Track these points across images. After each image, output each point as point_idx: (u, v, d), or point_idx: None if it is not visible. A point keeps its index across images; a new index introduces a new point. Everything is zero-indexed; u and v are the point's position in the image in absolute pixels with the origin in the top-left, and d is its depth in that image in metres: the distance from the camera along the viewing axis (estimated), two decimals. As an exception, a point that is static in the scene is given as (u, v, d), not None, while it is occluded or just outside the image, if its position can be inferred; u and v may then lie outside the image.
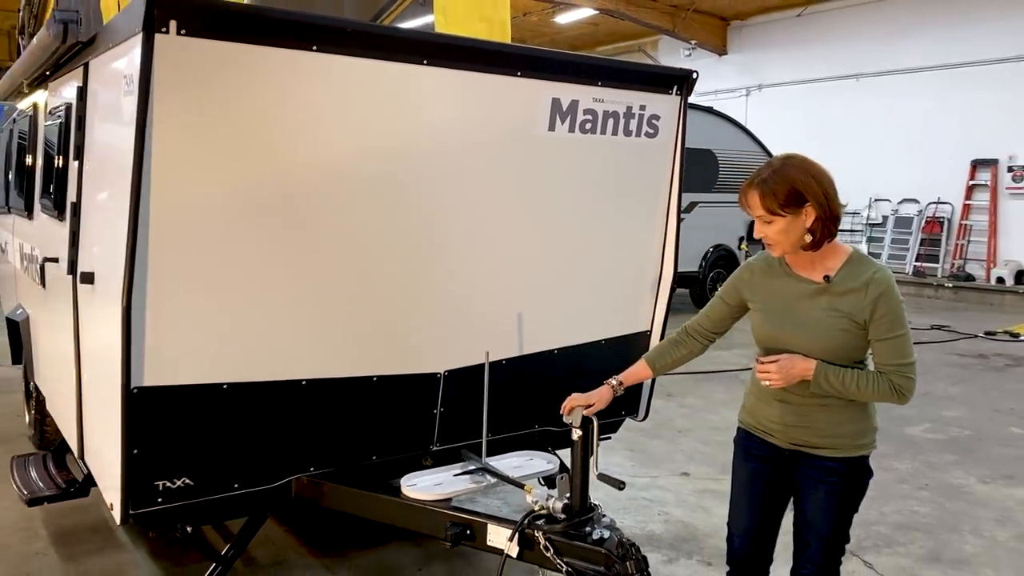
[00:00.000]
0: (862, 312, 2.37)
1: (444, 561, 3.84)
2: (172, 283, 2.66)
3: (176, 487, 2.88)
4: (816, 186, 2.35)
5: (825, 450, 2.50)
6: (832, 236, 2.42)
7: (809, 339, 2.43)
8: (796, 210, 2.36)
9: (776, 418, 2.56)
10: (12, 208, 5.28)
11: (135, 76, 2.49)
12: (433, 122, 3.09)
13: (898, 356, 2.38)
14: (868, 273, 2.40)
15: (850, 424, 2.49)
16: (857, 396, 2.42)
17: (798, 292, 2.47)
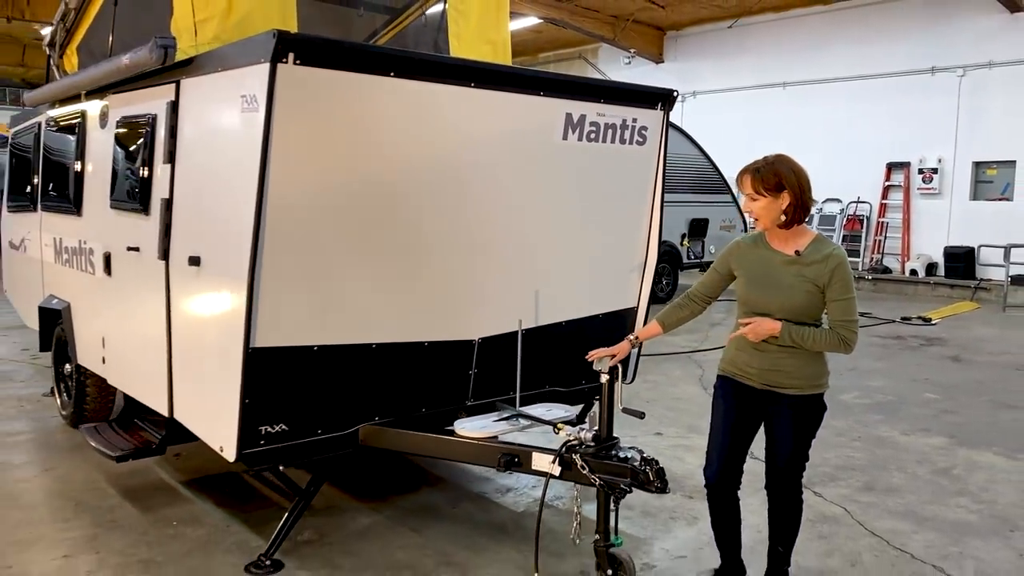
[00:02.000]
0: (822, 278, 3.10)
1: (472, 501, 4.55)
2: (279, 265, 3.30)
3: (275, 431, 3.52)
4: (794, 179, 3.09)
5: (791, 388, 3.20)
6: (801, 220, 3.19)
7: (782, 298, 3.16)
8: (776, 194, 3.10)
9: (755, 364, 3.28)
10: (47, 207, 5.74)
11: (259, 96, 3.13)
12: (477, 132, 3.80)
13: (846, 314, 3.11)
14: (828, 249, 3.15)
15: (809, 368, 3.20)
16: (813, 347, 3.13)
17: (775, 262, 3.22)
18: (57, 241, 5.58)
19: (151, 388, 4.15)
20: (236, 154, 3.31)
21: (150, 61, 3.77)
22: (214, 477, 4.80)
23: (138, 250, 4.16)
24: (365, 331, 3.72)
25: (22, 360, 7.94)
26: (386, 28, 5.74)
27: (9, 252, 6.96)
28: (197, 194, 3.71)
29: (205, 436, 3.70)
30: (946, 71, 14.89)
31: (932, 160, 15.22)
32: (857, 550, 3.98)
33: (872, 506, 4.56)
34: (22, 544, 3.88)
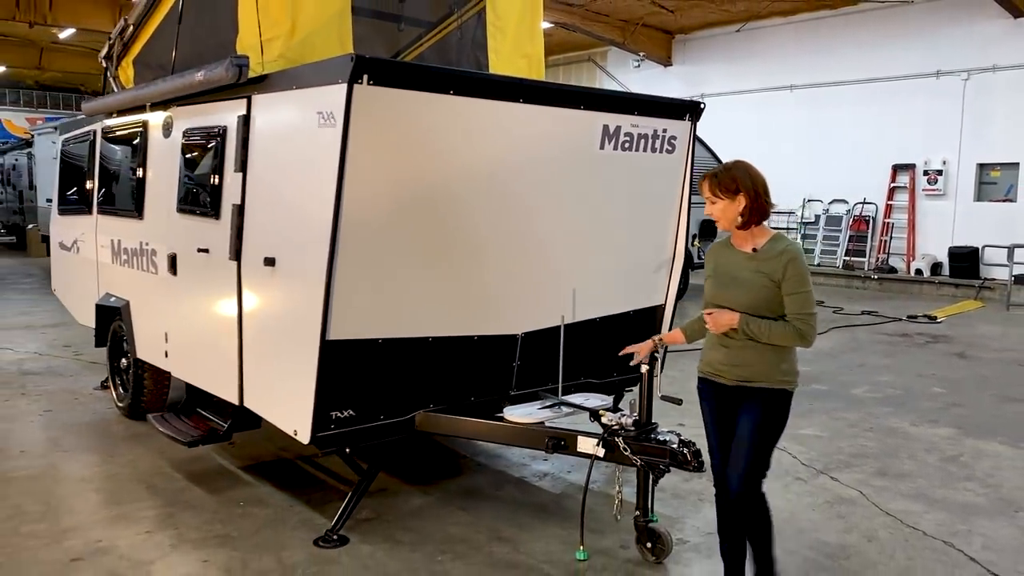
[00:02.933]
0: (777, 273, 3.18)
1: (513, 485, 4.89)
2: (351, 266, 3.64)
3: (344, 416, 3.87)
4: (750, 183, 3.22)
5: (756, 382, 3.26)
6: (759, 222, 3.27)
7: (741, 293, 3.24)
8: (733, 197, 3.23)
9: (723, 360, 3.33)
10: (105, 210, 6.09)
11: (336, 113, 3.47)
12: (523, 143, 4.14)
13: (801, 307, 3.17)
14: (783, 245, 3.25)
15: (772, 362, 3.24)
16: (771, 339, 3.18)
17: (736, 260, 3.31)
18: (115, 242, 5.92)
19: (220, 378, 4.49)
20: (313, 165, 3.65)
21: (225, 78, 4.12)
22: (269, 463, 5.15)
23: (208, 251, 4.50)
24: (422, 326, 4.06)
25: (66, 356, 8.29)
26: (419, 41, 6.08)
27: (60, 253, 7.31)
28: (270, 200, 4.05)
29: (278, 421, 4.04)
30: (951, 75, 15.20)
31: (937, 162, 15.52)
32: (873, 528, 4.32)
33: (885, 489, 4.89)
34: (106, 522, 4.23)
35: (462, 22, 5.78)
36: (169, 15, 5.36)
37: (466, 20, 5.73)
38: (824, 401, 7.01)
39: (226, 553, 3.88)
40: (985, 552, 4.05)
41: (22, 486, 4.74)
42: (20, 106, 32.59)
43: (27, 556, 3.83)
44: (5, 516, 4.28)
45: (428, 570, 3.74)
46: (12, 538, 4.02)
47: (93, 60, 24.05)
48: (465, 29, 5.67)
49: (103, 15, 18.53)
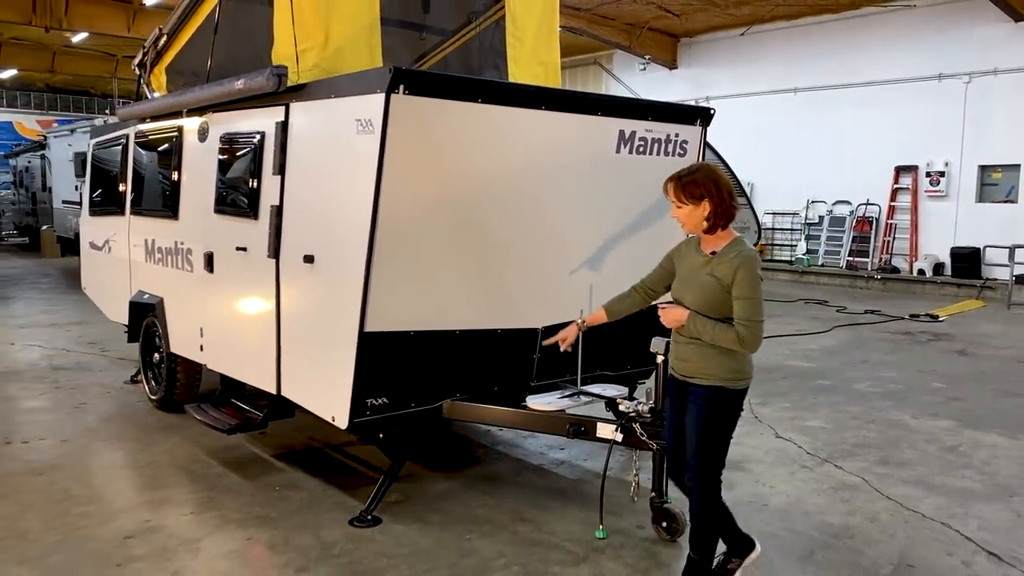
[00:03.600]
0: (728, 277, 3.24)
1: (532, 471, 5.14)
2: (386, 263, 3.89)
3: (378, 404, 4.13)
4: (714, 190, 3.28)
5: (696, 378, 3.37)
6: (725, 226, 3.34)
7: (695, 294, 3.35)
8: (697, 203, 3.31)
9: (673, 354, 3.51)
10: (138, 211, 6.36)
11: (374, 120, 3.74)
12: (545, 148, 4.40)
13: (746, 313, 3.20)
14: (737, 250, 3.29)
15: (715, 360, 3.32)
16: (713, 339, 3.27)
17: (697, 262, 3.41)
18: (149, 242, 6.19)
19: (258, 369, 4.75)
20: (352, 169, 3.92)
21: (265, 86, 4.38)
22: (300, 451, 5.41)
23: (246, 250, 4.77)
24: (450, 319, 4.33)
25: (93, 353, 8.57)
26: (440, 48, 6.34)
27: (90, 252, 7.57)
28: (308, 202, 4.32)
29: (316, 409, 4.30)
30: (952, 78, 15.42)
31: (939, 164, 15.75)
32: (875, 511, 4.57)
33: (887, 476, 5.14)
34: (152, 504, 4.50)
35: (480, 30, 6.05)
36: (204, 25, 5.62)
37: (484, 28, 6.00)
38: (828, 395, 7.25)
39: (268, 532, 4.15)
40: (981, 532, 4.29)
41: (68, 472, 5.00)
42: (31, 108, 32.90)
43: (83, 534, 4.09)
44: (57, 499, 4.55)
45: (457, 548, 4.00)
46: (66, 518, 4.29)
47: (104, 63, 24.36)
48: (484, 37, 5.93)
49: (117, 19, 18.85)
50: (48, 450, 5.40)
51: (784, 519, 4.43)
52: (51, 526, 4.19)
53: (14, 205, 25.21)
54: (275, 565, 3.78)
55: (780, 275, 17.52)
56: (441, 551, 3.95)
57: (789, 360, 8.75)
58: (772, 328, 10.80)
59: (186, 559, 3.83)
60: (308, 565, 3.77)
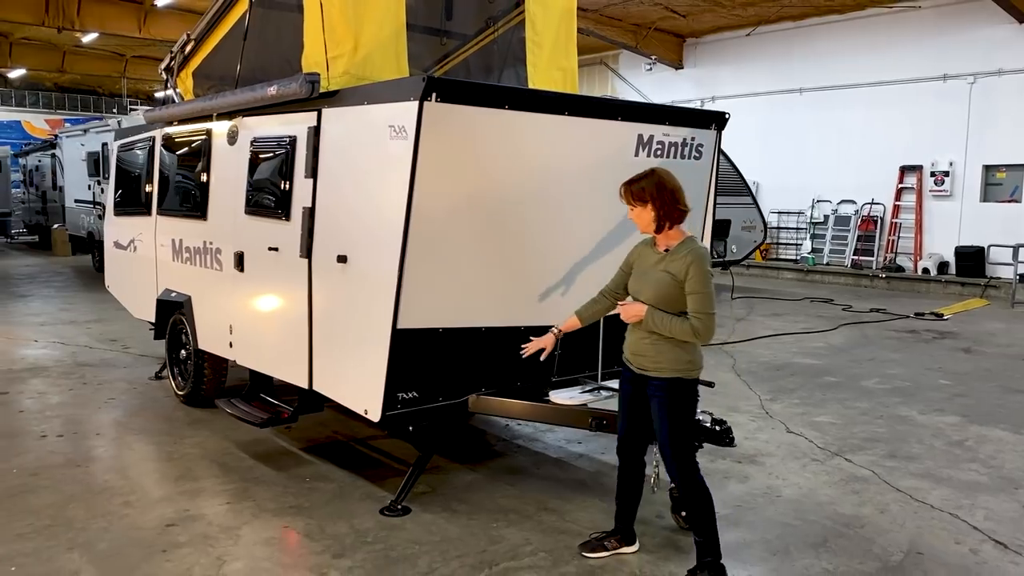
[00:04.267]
0: (681, 272, 3.51)
1: (551, 464, 5.32)
2: (418, 262, 4.06)
3: (409, 398, 4.31)
4: (657, 194, 3.56)
5: (652, 371, 3.61)
6: (671, 226, 3.61)
7: (651, 289, 3.60)
8: (644, 205, 3.61)
9: (628, 349, 3.73)
10: (165, 211, 6.53)
11: (408, 127, 3.90)
12: (568, 152, 4.57)
13: (700, 306, 3.46)
14: (689, 248, 3.56)
15: (669, 354, 3.56)
16: (670, 333, 3.51)
17: (652, 260, 3.67)
18: (176, 242, 6.37)
19: (290, 365, 4.92)
20: (385, 173, 4.09)
21: (299, 92, 4.56)
22: (325, 444, 5.59)
23: (278, 250, 4.94)
24: (476, 317, 4.50)
25: (115, 349, 8.75)
26: (459, 51, 6.50)
27: (114, 251, 7.75)
28: (340, 204, 4.49)
29: (349, 402, 4.47)
30: (957, 78, 15.56)
31: (944, 163, 15.89)
32: (885, 502, 4.74)
33: (895, 469, 5.30)
34: (189, 494, 4.68)
35: (498, 35, 6.21)
36: (233, 32, 5.80)
37: (502, 33, 6.16)
38: (836, 392, 7.42)
39: (303, 520, 4.32)
40: (987, 522, 4.46)
41: (106, 464, 5.19)
42: (39, 107, 33.14)
43: (127, 522, 4.28)
44: (97, 490, 4.73)
45: (486, 535, 4.17)
46: (108, 507, 4.47)
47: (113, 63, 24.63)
48: (503, 42, 6.09)
49: (128, 20, 19.07)
50: (83, 443, 5.59)
51: (797, 509, 4.60)
52: (94, 515, 4.38)
53: (23, 204, 25.39)
54: (313, 552, 3.96)
55: (785, 274, 17.68)
56: (470, 538, 4.13)
57: (797, 358, 8.92)
58: (779, 326, 10.98)
59: (227, 545, 4.01)
60: (344, 552, 3.95)
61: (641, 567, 3.85)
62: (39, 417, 6.21)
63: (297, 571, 3.77)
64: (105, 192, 16.04)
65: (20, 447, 5.49)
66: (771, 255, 18.56)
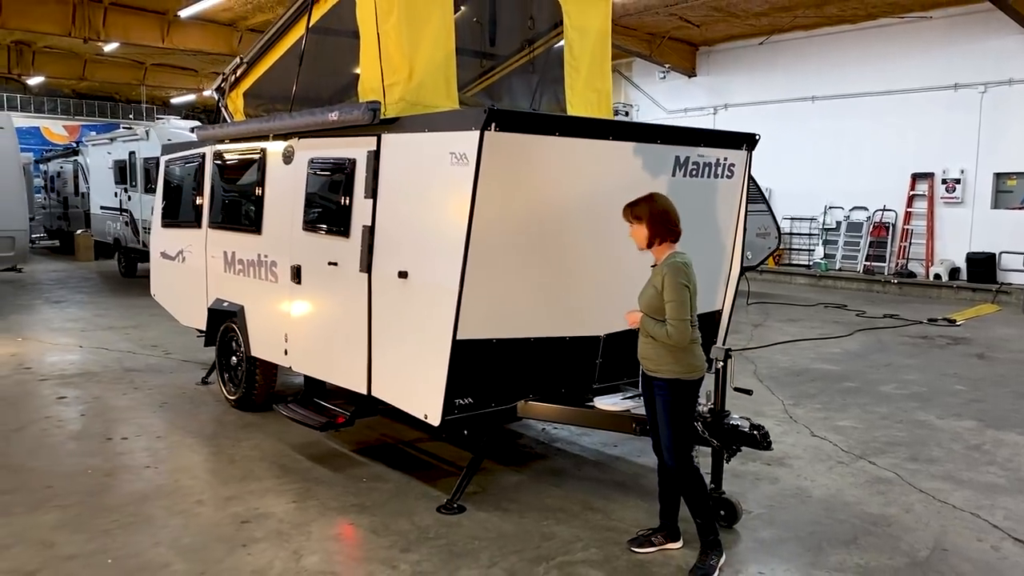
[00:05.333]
0: (659, 283, 3.99)
1: (592, 466, 5.62)
2: (476, 278, 4.37)
3: (465, 403, 4.62)
4: (648, 214, 4.04)
5: (652, 372, 4.09)
6: (661, 243, 4.06)
7: (643, 300, 4.11)
8: (640, 223, 4.08)
9: (639, 353, 4.18)
10: (216, 225, 6.86)
11: (469, 154, 4.22)
12: (612, 173, 4.88)
13: (671, 312, 3.92)
14: (668, 261, 4.02)
15: (666, 356, 4.01)
16: (655, 336, 3.99)
17: (649, 274, 4.16)
18: (228, 254, 6.70)
19: (348, 372, 5.24)
20: (447, 196, 4.41)
21: (361, 119, 4.88)
22: (375, 447, 5.91)
23: (337, 264, 5.26)
24: (526, 328, 4.82)
25: (158, 355, 9.09)
26: (495, 71, 6.82)
27: (161, 261, 8.08)
28: (400, 223, 4.81)
29: (408, 407, 4.79)
30: (968, 87, 15.84)
31: (955, 171, 16.16)
32: (909, 502, 5.03)
33: (917, 472, 5.59)
34: (256, 494, 5.00)
35: (535, 56, 6.53)
36: (287, 56, 6.13)
37: (538, 55, 6.48)
38: (856, 397, 7.71)
39: (367, 518, 4.64)
40: (1007, 522, 4.75)
41: (172, 465, 5.51)
42: (57, 114, 33.59)
43: (204, 519, 4.60)
44: (170, 489, 5.06)
45: (538, 532, 4.48)
46: (183, 505, 4.80)
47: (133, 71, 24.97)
48: (540, 64, 6.41)
49: (152, 30, 19.44)
50: (148, 446, 5.91)
51: (827, 509, 4.90)
52: (172, 512, 4.70)
53: (44, 209, 25.81)
54: (381, 546, 4.27)
55: (798, 279, 17.96)
56: (524, 535, 4.44)
57: (815, 364, 9.20)
58: (795, 332, 11.27)
59: (301, 540, 4.33)
60: (410, 546, 4.27)
61: (686, 561, 4.15)
62: (100, 420, 6.54)
63: (369, 564, 4.08)
64: (132, 199, 16.51)
65: (89, 449, 5.82)
66: (784, 261, 18.83)
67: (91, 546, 4.23)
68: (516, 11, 6.03)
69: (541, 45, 6.43)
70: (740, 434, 4.45)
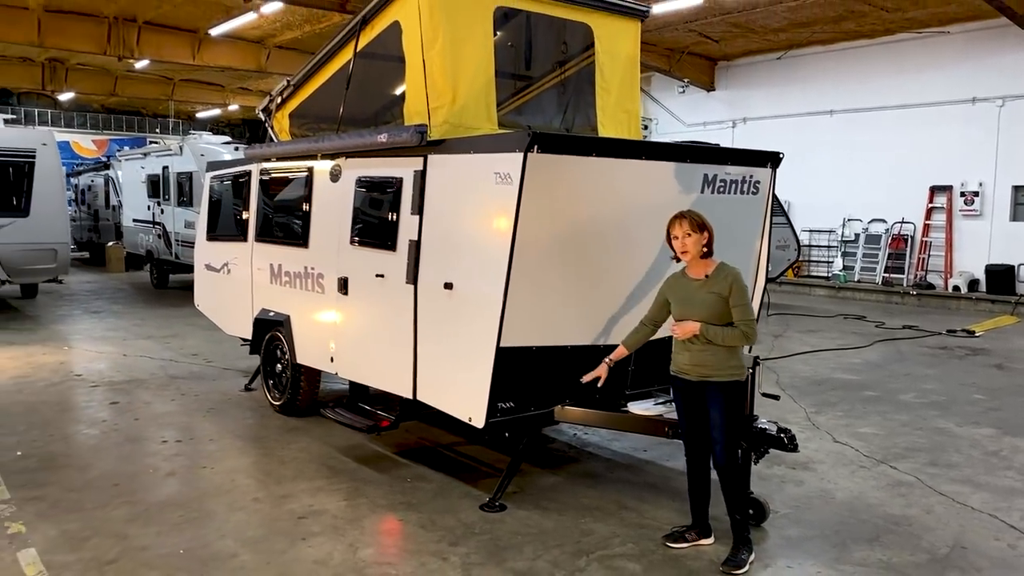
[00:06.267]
0: (725, 290, 4.26)
1: (623, 468, 5.90)
2: (518, 289, 4.68)
3: (506, 407, 4.92)
4: (709, 224, 4.35)
5: (715, 376, 4.31)
6: (710, 254, 4.36)
7: (702, 309, 4.30)
8: (700, 233, 4.32)
9: (687, 361, 4.38)
10: (263, 238, 7.21)
11: (513, 174, 4.53)
12: (644, 190, 5.18)
13: (744, 315, 4.23)
14: (727, 271, 4.33)
15: (725, 360, 4.29)
16: (724, 341, 4.24)
17: (693, 287, 4.37)
18: (275, 266, 7.04)
19: (394, 377, 5.54)
20: (491, 213, 4.72)
21: (410, 141, 5.21)
22: (415, 450, 6.21)
23: (384, 276, 5.59)
24: (563, 336, 5.12)
25: (199, 363, 9.46)
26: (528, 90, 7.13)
27: (206, 273, 8.45)
28: (446, 237, 5.12)
29: (453, 411, 5.08)
30: (986, 101, 16.03)
31: (973, 184, 16.32)
32: (930, 504, 5.27)
33: (937, 476, 5.82)
34: (308, 492, 5.31)
35: (566, 77, 6.83)
36: (334, 79, 6.48)
37: (569, 76, 6.78)
38: (876, 405, 7.93)
39: (415, 515, 4.94)
40: (1023, 522, 4.98)
41: (226, 465, 5.84)
42: (87, 128, 34.39)
43: (263, 515, 4.91)
44: (227, 487, 5.38)
45: (577, 528, 4.76)
46: (242, 502, 5.12)
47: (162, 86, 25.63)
48: (571, 85, 6.70)
49: (183, 48, 20.04)
50: (201, 447, 6.25)
51: (851, 509, 5.14)
52: (232, 508, 5.02)
53: (74, 221, 26.44)
54: (431, 540, 4.57)
55: (817, 291, 18.14)
56: (564, 531, 4.72)
57: (836, 373, 9.43)
58: (815, 342, 11.48)
59: (355, 534, 4.63)
60: (458, 540, 4.56)
61: (718, 556, 4.41)
62: (154, 424, 6.89)
63: (421, 556, 4.37)
64: (164, 212, 16.98)
65: (148, 451, 6.16)
66: (802, 272, 19.02)
67: (162, 538, 4.56)
68: (550, 36, 6.34)
69: (572, 67, 6.74)
70: (768, 437, 4.71)
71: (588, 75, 6.44)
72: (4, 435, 6.49)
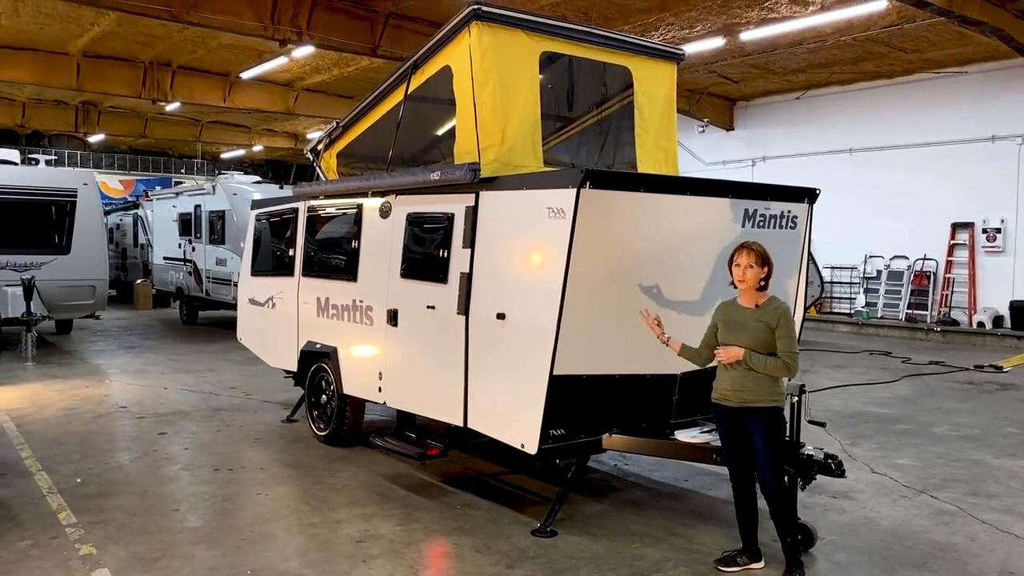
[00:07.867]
0: (773, 322, 4.49)
1: (667, 496, 6.00)
2: (570, 319, 4.86)
3: (558, 434, 5.07)
4: (771, 262, 4.59)
5: (756, 402, 4.51)
6: (766, 288, 4.61)
7: (749, 336, 4.53)
8: (762, 268, 4.56)
9: (729, 387, 4.58)
10: (310, 273, 7.45)
11: (566, 209, 4.75)
12: (688, 224, 5.38)
13: (788, 347, 4.47)
14: (777, 304, 4.58)
15: (767, 387, 4.51)
16: (766, 370, 4.46)
17: (744, 314, 4.61)
18: (322, 299, 7.27)
19: (444, 406, 5.71)
20: (543, 246, 4.93)
21: (463, 179, 5.45)
22: (460, 478, 6.35)
23: (435, 308, 5.79)
24: (611, 365, 5.28)
25: (238, 395, 9.65)
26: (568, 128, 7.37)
27: (249, 307, 8.69)
28: (497, 270, 5.33)
29: (505, 438, 5.24)
30: (1006, 139, 16.21)
31: (995, 220, 16.43)
32: (973, 531, 5.34)
33: (978, 505, 5.90)
34: (363, 518, 5.45)
35: (606, 116, 7.07)
36: (384, 120, 6.75)
37: (609, 116, 7.02)
38: (911, 438, 8.00)
39: (469, 539, 5.07)
40: (1067, 550, 5.05)
41: (279, 492, 6.00)
42: (115, 169, 35.14)
43: (321, 539, 5.06)
44: (284, 513, 5.54)
45: (629, 553, 4.88)
46: (301, 526, 5.27)
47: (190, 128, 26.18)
48: (610, 124, 6.94)
49: (215, 91, 20.58)
50: (252, 476, 6.41)
51: (895, 536, 5.23)
52: (291, 532, 5.17)
53: (103, 260, 26.93)
54: (488, 563, 4.70)
55: (840, 327, 18.19)
56: (616, 556, 4.84)
57: (868, 407, 9.50)
58: (844, 377, 11.55)
59: (414, 557, 4.77)
60: (515, 564, 4.69)
61: (769, 579, 4.52)
62: (204, 453, 7.07)
63: (480, 578, 4.51)
64: (196, 250, 17.34)
65: (202, 478, 6.33)
66: (825, 309, 19.09)
67: (228, 559, 4.71)
68: (591, 79, 6.61)
69: (612, 107, 7.01)
70: (816, 462, 4.83)
71: (627, 115, 6.70)
72: (61, 463, 6.69)
